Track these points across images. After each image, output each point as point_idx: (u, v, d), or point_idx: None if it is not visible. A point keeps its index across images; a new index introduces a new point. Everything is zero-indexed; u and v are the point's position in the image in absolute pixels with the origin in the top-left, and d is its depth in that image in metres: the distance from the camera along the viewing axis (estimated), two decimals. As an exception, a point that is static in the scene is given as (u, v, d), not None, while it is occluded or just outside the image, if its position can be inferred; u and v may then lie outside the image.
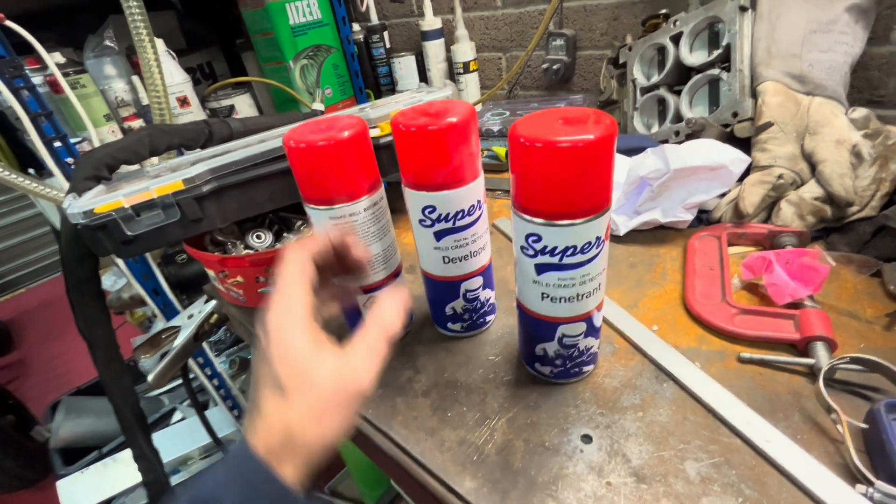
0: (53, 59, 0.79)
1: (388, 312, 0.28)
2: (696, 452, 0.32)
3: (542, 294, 0.34)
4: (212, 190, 0.49)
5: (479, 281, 0.42)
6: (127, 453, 1.22)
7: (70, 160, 0.78)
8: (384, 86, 1.15)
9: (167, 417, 1.44)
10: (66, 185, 0.79)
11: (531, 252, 0.32)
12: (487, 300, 0.45)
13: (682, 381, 0.37)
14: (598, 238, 0.31)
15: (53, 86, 0.83)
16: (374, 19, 1.08)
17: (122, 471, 1.20)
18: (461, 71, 0.99)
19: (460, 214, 0.37)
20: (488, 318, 0.46)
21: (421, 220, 0.38)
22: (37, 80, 0.81)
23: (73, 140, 0.83)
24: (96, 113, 0.92)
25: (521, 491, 0.32)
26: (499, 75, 1.03)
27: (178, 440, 1.26)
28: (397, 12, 1.12)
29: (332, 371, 0.25)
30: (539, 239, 0.31)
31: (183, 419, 1.37)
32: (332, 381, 0.25)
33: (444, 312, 0.44)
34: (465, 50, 0.97)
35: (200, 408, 0.72)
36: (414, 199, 0.38)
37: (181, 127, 0.59)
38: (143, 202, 0.46)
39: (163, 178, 0.48)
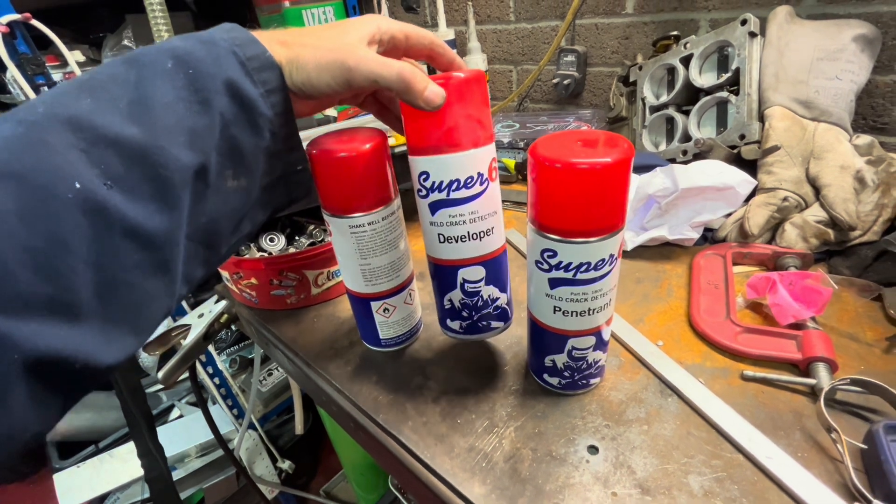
0: (73, 57, 0.80)
1: (424, 76, 0.31)
2: (699, 467, 0.33)
3: (555, 307, 0.35)
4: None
5: (479, 272, 0.37)
6: (123, 449, 1.23)
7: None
8: (395, 93, 1.17)
9: (165, 414, 1.45)
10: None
11: (546, 267, 0.33)
12: (493, 300, 0.39)
13: (686, 396, 0.38)
14: (611, 255, 0.32)
15: (72, 83, 0.84)
16: (388, 28, 1.10)
17: (118, 467, 1.20)
18: (472, 82, 1.01)
19: (455, 185, 0.34)
20: (494, 324, 0.40)
21: (418, 191, 0.36)
22: (56, 76, 0.82)
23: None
24: (112, 111, 0.93)
25: (529, 499, 0.33)
26: (509, 87, 1.04)
27: (176, 437, 1.26)
28: (411, 22, 1.14)
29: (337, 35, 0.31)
30: (554, 255, 0.32)
31: (181, 416, 1.37)
32: (331, 39, 0.31)
33: (444, 305, 0.40)
34: (476, 61, 0.99)
35: (205, 404, 0.73)
36: (413, 169, 0.35)
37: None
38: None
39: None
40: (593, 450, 0.35)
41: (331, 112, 1.01)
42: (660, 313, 0.48)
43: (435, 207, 0.35)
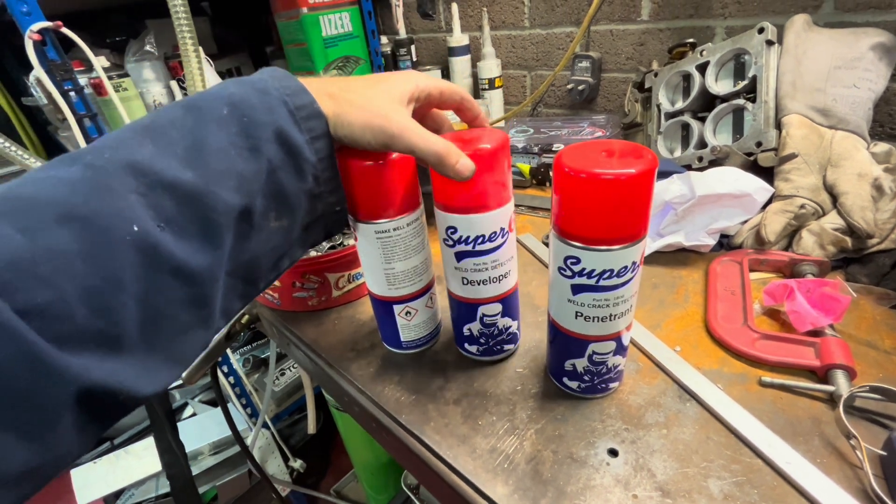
0: (99, 63, 0.82)
1: (455, 150, 0.33)
2: (718, 471, 0.34)
3: (577, 313, 0.36)
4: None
5: (497, 307, 0.42)
6: (138, 446, 1.25)
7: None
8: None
9: (178, 412, 1.47)
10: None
11: (569, 273, 0.34)
12: (507, 328, 0.44)
13: (705, 401, 0.39)
14: (633, 263, 0.33)
15: (97, 88, 0.87)
16: (403, 33, 1.12)
17: (133, 463, 1.23)
18: (486, 87, 1.02)
19: (480, 239, 0.38)
20: (507, 347, 0.45)
21: (444, 240, 0.40)
22: (82, 81, 0.85)
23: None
24: (136, 115, 0.95)
25: (551, 499, 0.33)
26: (523, 92, 1.05)
27: (190, 435, 1.28)
28: (426, 27, 1.16)
29: (379, 97, 0.33)
30: (578, 262, 0.33)
31: (194, 414, 1.39)
32: (375, 99, 0.33)
33: (462, 332, 0.45)
34: (490, 67, 1.00)
35: (225, 403, 0.75)
36: (440, 219, 0.39)
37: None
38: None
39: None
40: (613, 453, 0.36)
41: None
42: (677, 319, 0.49)
43: (461, 256, 0.39)
